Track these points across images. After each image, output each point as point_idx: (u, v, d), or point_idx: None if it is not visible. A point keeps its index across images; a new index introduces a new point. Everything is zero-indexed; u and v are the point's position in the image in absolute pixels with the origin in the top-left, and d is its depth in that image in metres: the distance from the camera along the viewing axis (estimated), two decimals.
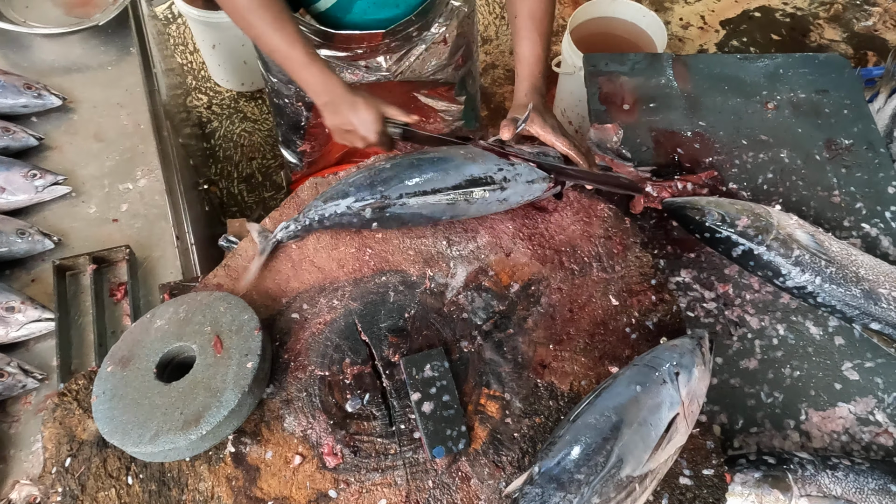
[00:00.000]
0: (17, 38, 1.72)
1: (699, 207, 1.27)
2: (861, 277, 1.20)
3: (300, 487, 0.94)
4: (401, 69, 1.57)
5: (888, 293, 1.20)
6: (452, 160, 1.16)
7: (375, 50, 1.52)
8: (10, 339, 1.21)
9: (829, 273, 1.21)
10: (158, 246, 1.40)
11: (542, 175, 1.18)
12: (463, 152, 1.18)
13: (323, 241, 1.18)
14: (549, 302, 1.10)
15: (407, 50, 1.55)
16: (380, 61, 1.55)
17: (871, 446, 1.15)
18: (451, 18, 1.58)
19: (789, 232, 1.24)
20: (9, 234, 1.30)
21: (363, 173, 1.18)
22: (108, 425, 0.93)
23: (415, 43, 1.55)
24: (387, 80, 1.59)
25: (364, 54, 1.53)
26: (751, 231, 1.24)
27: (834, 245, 1.24)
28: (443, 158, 1.17)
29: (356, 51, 1.51)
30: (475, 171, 1.15)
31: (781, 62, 1.67)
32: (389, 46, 1.52)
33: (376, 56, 1.54)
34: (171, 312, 1.05)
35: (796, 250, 1.22)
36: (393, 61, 1.55)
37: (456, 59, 1.66)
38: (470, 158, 1.17)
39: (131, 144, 1.55)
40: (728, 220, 1.25)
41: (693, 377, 0.93)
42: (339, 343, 1.06)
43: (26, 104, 1.53)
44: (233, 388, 0.94)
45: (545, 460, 0.87)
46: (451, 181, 1.14)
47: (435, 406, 0.97)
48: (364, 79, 1.57)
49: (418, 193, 1.14)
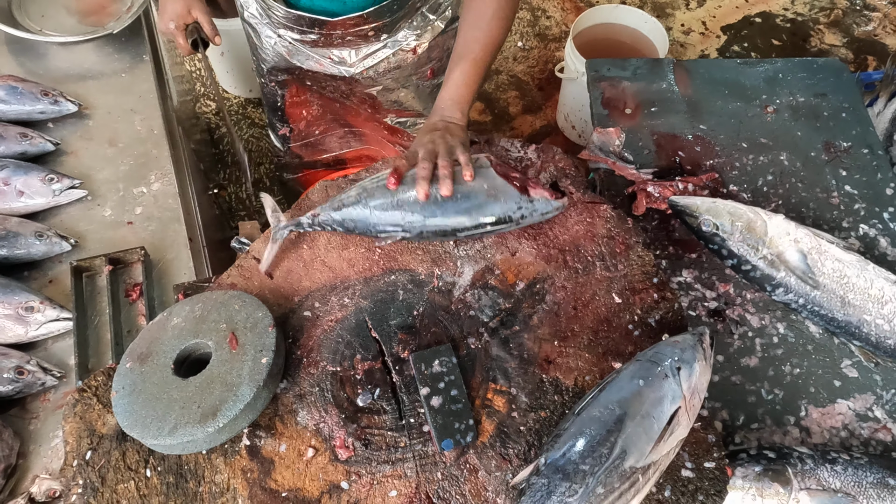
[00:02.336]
0: (34, 46, 1.76)
1: (696, 215, 1.29)
2: (847, 302, 1.21)
3: (313, 479, 0.97)
4: (364, 68, 1.60)
5: (872, 319, 1.20)
6: (476, 198, 1.12)
7: (330, 40, 1.54)
8: (30, 337, 1.25)
9: (814, 297, 1.23)
10: (172, 248, 1.43)
11: (556, 206, 1.17)
12: (486, 187, 1.13)
13: (333, 242, 1.21)
14: (554, 300, 1.13)
15: (371, 51, 1.57)
16: (343, 55, 1.57)
17: (870, 442, 1.17)
18: (422, 30, 1.59)
19: (780, 251, 1.24)
20: (27, 236, 1.33)
21: (386, 198, 1.13)
22: (128, 419, 0.97)
23: (379, 45, 1.57)
24: (350, 76, 1.62)
25: (319, 42, 1.55)
26: (741, 247, 1.27)
27: (828, 265, 1.22)
28: (467, 196, 1.12)
29: (309, 35, 1.54)
30: (496, 211, 1.13)
31: (781, 67, 1.70)
32: (344, 40, 1.54)
33: (336, 48, 1.56)
34: (187, 311, 1.08)
35: (782, 272, 1.24)
36: (358, 58, 1.57)
37: (423, 70, 1.67)
38: (493, 196, 1.13)
39: (145, 149, 1.59)
40: (721, 232, 1.28)
41: (694, 372, 0.96)
42: (350, 340, 1.09)
43: (43, 110, 1.57)
44: (248, 383, 0.97)
45: (551, 452, 0.89)
46: (472, 222, 1.13)
47: (443, 400, 1.00)
48: (328, 69, 1.60)
49: (437, 233, 1.14)
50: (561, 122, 2.91)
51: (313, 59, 1.59)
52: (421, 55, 1.62)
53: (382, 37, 1.56)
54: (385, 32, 1.55)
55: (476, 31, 1.28)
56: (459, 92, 1.25)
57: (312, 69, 1.64)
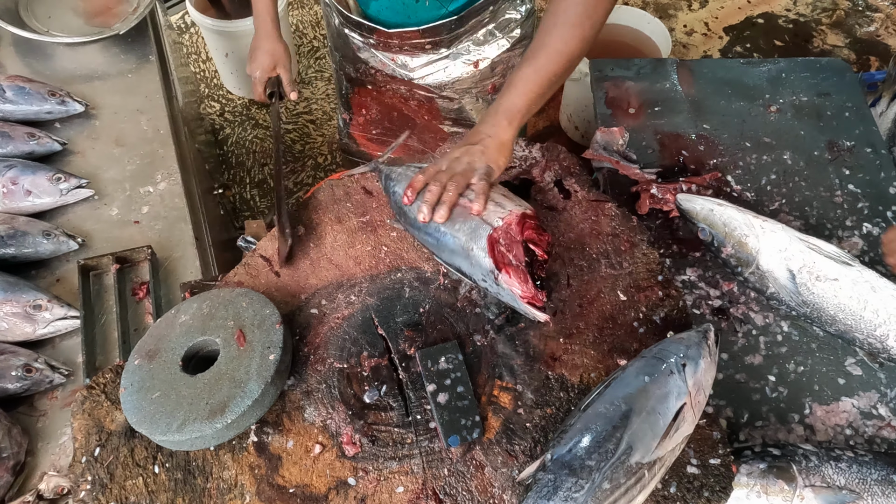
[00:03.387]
0: (41, 46, 1.77)
1: (695, 222, 1.30)
2: (838, 321, 1.20)
3: (320, 475, 0.98)
4: (423, 75, 1.62)
5: (864, 339, 1.20)
6: (451, 240, 1.07)
7: (388, 47, 1.58)
8: (38, 336, 1.25)
9: (804, 312, 1.23)
10: (178, 247, 1.44)
11: (524, 310, 1.01)
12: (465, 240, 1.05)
13: (340, 240, 1.22)
14: (560, 297, 1.14)
15: (431, 60, 1.59)
16: (405, 60, 1.60)
17: (875, 439, 1.17)
18: (486, 45, 1.60)
19: (770, 269, 1.22)
20: (35, 235, 1.34)
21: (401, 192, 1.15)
22: (137, 415, 0.97)
23: (441, 55, 1.59)
24: (409, 80, 1.64)
25: (379, 46, 1.59)
26: (732, 261, 1.27)
27: (818, 286, 1.19)
28: (445, 234, 1.08)
29: (369, 39, 1.59)
30: (464, 266, 1.07)
31: (784, 66, 1.71)
32: (402, 48, 1.57)
33: (395, 54, 1.59)
34: (194, 308, 1.09)
35: (771, 288, 1.24)
36: (418, 65, 1.60)
37: (485, 84, 1.68)
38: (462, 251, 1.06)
39: (151, 149, 1.60)
40: (715, 241, 1.28)
41: (699, 368, 0.96)
42: (357, 337, 1.09)
43: (50, 110, 1.58)
44: (256, 379, 0.98)
45: (557, 447, 0.90)
46: (444, 258, 1.11)
47: (450, 397, 1.01)
48: (394, 71, 1.63)
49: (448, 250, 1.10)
50: (564, 122, 2.92)
51: (376, 59, 1.63)
52: (483, 70, 1.63)
53: (441, 50, 1.58)
54: (444, 47, 1.58)
55: (545, 37, 1.15)
56: (512, 100, 1.14)
57: (377, 67, 1.66)
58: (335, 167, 2.81)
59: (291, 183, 2.78)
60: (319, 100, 3.02)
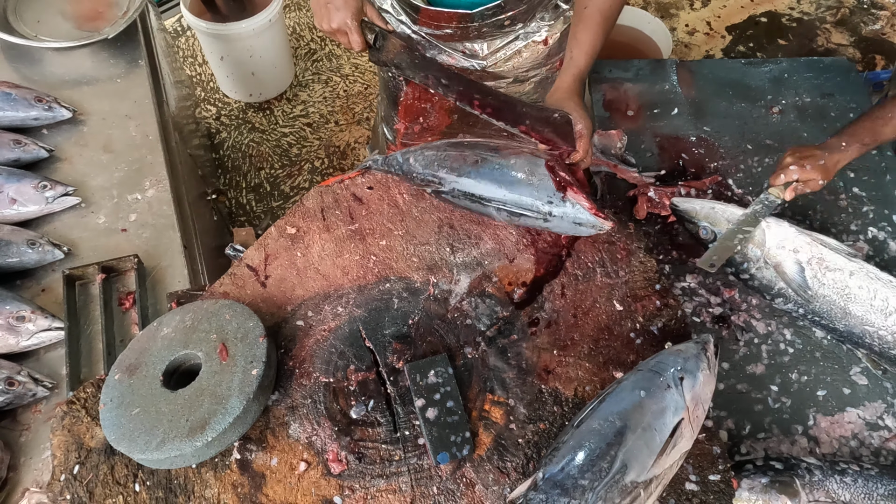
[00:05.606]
0: (29, 52, 1.75)
1: (695, 222, 1.26)
2: (849, 313, 1.17)
3: (305, 494, 0.95)
4: (496, 60, 1.59)
5: (875, 331, 1.16)
6: (510, 174, 1.15)
7: (466, 33, 1.54)
8: (21, 348, 1.23)
9: (813, 307, 1.19)
10: (166, 255, 1.41)
11: (592, 221, 1.11)
12: (527, 170, 1.15)
13: (327, 249, 1.19)
14: (553, 308, 1.10)
15: (504, 43, 1.56)
16: (475, 48, 1.57)
17: (881, 451, 1.14)
18: (555, 20, 1.58)
19: (778, 261, 1.19)
20: (19, 244, 1.32)
21: (434, 150, 1.23)
22: (116, 432, 0.94)
23: (512, 36, 1.56)
24: (482, 68, 1.61)
25: (454, 35, 1.55)
26: (737, 257, 1.23)
27: (828, 276, 1.17)
28: (501, 170, 1.16)
29: (445, 30, 1.54)
30: (525, 195, 1.13)
31: (786, 67, 1.67)
32: (480, 32, 1.54)
33: (471, 41, 1.56)
34: (177, 320, 1.06)
35: (779, 283, 1.20)
36: (490, 51, 1.57)
37: (553, 61, 1.65)
38: (525, 180, 1.14)
39: (140, 155, 1.57)
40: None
41: (698, 382, 0.93)
42: (344, 350, 1.06)
43: (37, 117, 1.55)
44: (238, 395, 0.95)
45: (549, 466, 0.87)
46: (500, 196, 1.15)
47: (439, 412, 0.97)
48: (459, 63, 1.60)
49: (466, 196, 1.18)
50: None
51: (446, 53, 1.60)
52: (552, 46, 1.61)
53: (518, 26, 1.55)
54: (521, 21, 1.54)
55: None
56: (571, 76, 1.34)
57: (445, 63, 1.63)
58: (332, 171, 2.79)
59: (287, 187, 2.75)
60: (316, 103, 2.99)
